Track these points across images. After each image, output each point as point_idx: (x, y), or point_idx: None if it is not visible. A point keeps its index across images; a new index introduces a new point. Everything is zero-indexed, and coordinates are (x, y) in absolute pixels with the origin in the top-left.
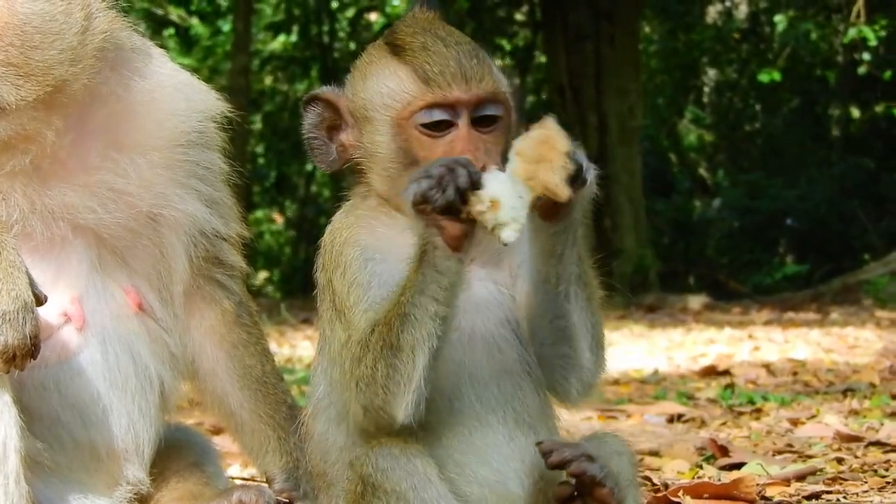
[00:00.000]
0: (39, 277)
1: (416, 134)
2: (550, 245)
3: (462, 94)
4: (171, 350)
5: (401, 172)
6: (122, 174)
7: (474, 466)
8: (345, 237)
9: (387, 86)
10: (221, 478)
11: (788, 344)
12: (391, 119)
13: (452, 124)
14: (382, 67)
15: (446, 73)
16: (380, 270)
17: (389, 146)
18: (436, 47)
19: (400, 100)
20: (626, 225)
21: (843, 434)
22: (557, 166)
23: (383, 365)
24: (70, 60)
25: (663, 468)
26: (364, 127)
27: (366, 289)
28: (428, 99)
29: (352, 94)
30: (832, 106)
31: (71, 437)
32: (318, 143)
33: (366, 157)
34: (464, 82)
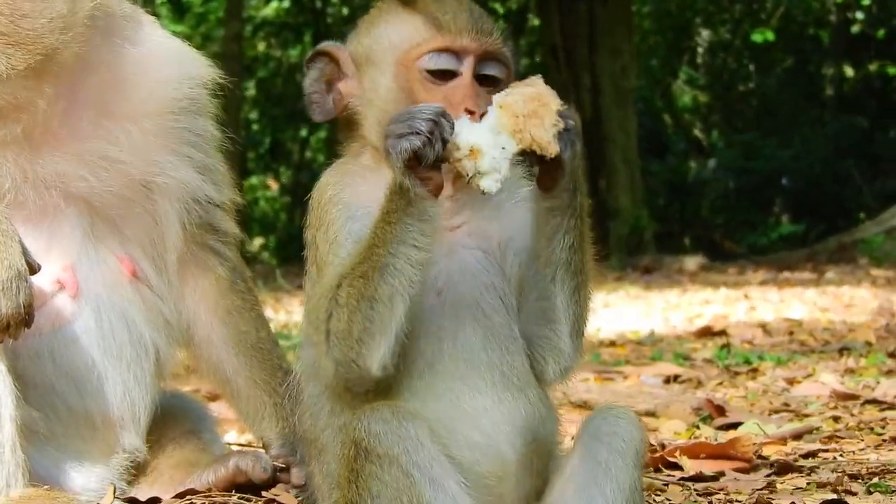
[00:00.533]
0: (32, 246)
1: (420, 78)
2: (544, 223)
3: (471, 43)
4: (165, 317)
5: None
6: (113, 142)
7: (466, 431)
8: (329, 195)
9: (395, 30)
10: (218, 444)
11: (784, 303)
12: (396, 59)
13: (456, 74)
14: (392, 16)
15: (458, 21)
16: (357, 228)
17: (390, 87)
18: (448, 0)
19: (408, 42)
20: (622, 186)
21: (839, 393)
22: (549, 123)
23: (360, 318)
24: (60, 28)
25: (660, 429)
26: (365, 71)
27: (344, 247)
28: (437, 43)
29: (356, 42)
30: (826, 65)
31: (66, 406)
32: (317, 97)
33: (363, 104)
34: (474, 32)
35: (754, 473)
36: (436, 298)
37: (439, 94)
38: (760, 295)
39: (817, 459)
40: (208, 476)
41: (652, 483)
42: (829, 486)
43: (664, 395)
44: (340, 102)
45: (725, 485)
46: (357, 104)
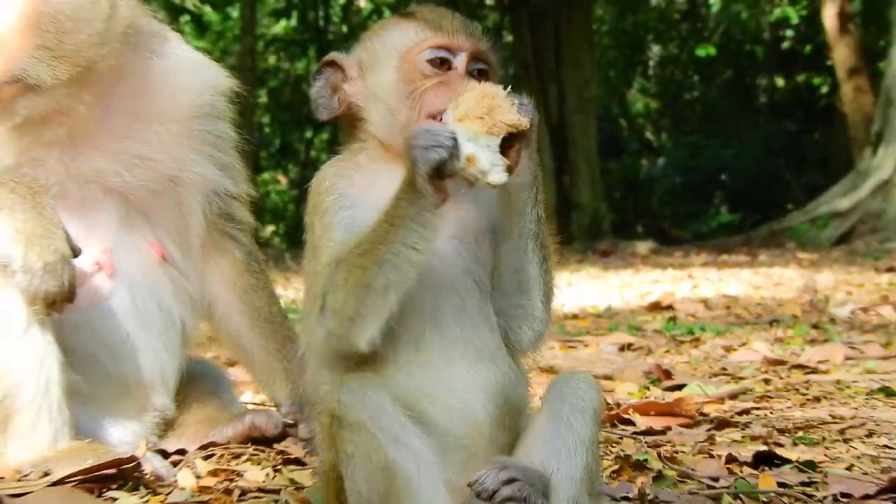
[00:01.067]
0: (74, 233)
1: (419, 69)
2: (516, 199)
3: (464, 42)
4: (190, 294)
5: (398, 106)
6: (144, 142)
7: (444, 398)
8: (326, 185)
9: (398, 34)
10: (236, 403)
11: (723, 282)
12: (399, 56)
13: (451, 67)
14: (394, 24)
15: (453, 24)
16: (348, 216)
17: (392, 80)
18: (443, 11)
19: (410, 41)
20: (583, 182)
21: (769, 359)
22: (508, 106)
23: (353, 301)
24: (98, 44)
25: (616, 390)
26: (369, 72)
27: (337, 232)
28: (436, 41)
29: (360, 50)
30: (760, 77)
31: (104, 371)
32: (323, 101)
33: (367, 100)
34: (466, 35)
35: (697, 428)
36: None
37: (437, 81)
38: (702, 275)
39: (750, 416)
40: (227, 431)
41: (609, 437)
42: (760, 439)
43: (619, 361)
44: (345, 101)
45: (672, 438)
46: (361, 101)
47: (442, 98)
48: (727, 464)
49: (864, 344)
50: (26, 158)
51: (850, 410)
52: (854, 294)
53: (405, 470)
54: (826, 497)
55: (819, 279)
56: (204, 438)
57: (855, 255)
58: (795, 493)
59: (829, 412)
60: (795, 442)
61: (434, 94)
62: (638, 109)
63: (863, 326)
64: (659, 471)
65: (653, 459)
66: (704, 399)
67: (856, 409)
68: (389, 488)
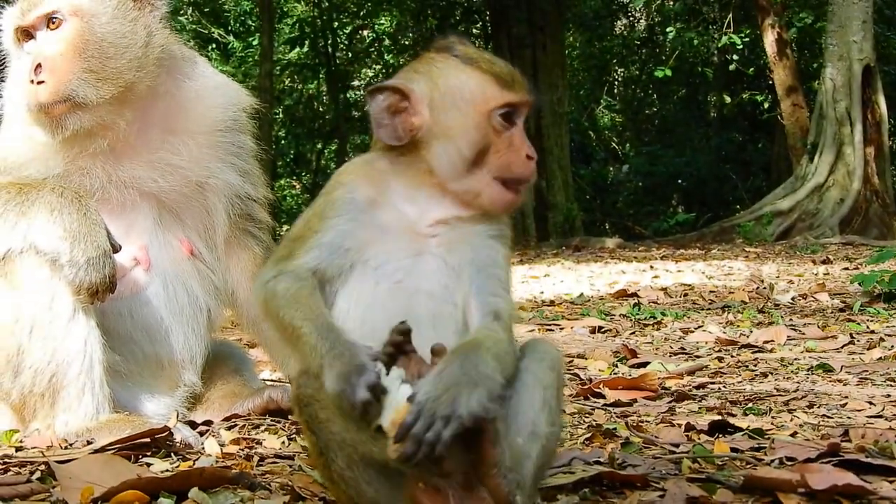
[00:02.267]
0: (115, 231)
1: (492, 126)
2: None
3: (526, 99)
4: (215, 285)
5: (469, 150)
6: (176, 153)
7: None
8: (343, 179)
9: (474, 86)
10: (255, 380)
11: (680, 273)
12: (475, 111)
13: (514, 121)
14: (461, 74)
15: (516, 82)
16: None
17: (467, 131)
18: (499, 62)
19: (484, 98)
20: (558, 186)
21: (722, 339)
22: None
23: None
24: (136, 67)
25: (588, 367)
26: (442, 115)
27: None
28: (510, 98)
29: (430, 88)
30: (710, 94)
31: (141, 351)
32: (386, 123)
33: (434, 138)
34: (524, 90)
35: (659, 401)
36: (396, 285)
37: (506, 140)
38: (662, 266)
39: (706, 390)
40: (248, 404)
41: (581, 408)
42: (715, 409)
43: (591, 341)
44: (408, 131)
45: (637, 409)
46: (425, 136)
47: (515, 163)
48: (686, 432)
49: (804, 326)
50: (74, 167)
51: (793, 384)
52: (794, 283)
53: None
54: (773, 460)
55: (764, 270)
56: (227, 411)
57: (795, 249)
58: (746, 457)
59: (775, 386)
60: (745, 412)
61: (511, 158)
62: (605, 123)
63: (802, 311)
64: (626, 438)
65: (621, 428)
66: (666, 375)
67: (798, 383)
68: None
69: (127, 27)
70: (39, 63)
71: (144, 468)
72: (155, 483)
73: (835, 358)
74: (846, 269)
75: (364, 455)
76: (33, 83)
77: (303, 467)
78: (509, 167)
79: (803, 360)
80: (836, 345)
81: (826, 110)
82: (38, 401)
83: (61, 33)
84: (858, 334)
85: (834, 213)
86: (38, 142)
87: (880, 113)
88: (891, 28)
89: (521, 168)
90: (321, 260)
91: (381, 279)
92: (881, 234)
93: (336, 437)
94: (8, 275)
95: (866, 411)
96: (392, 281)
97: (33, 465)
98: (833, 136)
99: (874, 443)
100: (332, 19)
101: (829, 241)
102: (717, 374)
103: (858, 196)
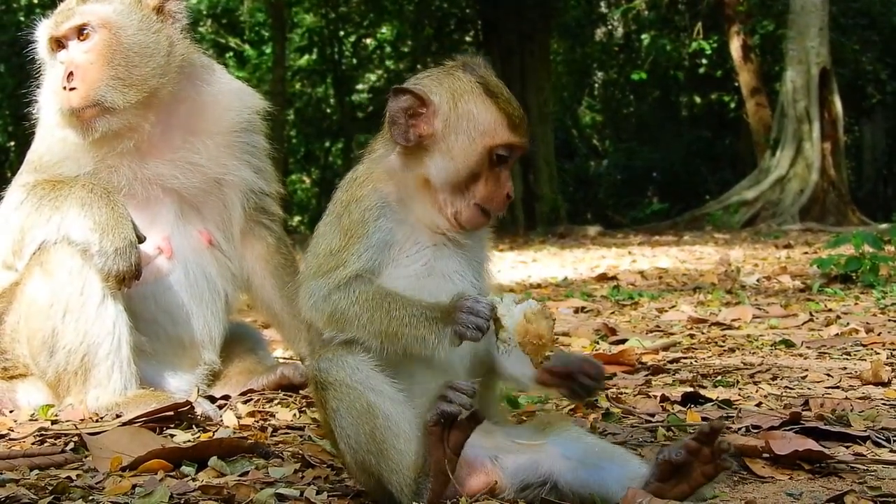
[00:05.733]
0: (140, 224)
1: (489, 160)
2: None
3: (524, 143)
4: (232, 272)
5: (463, 174)
6: (196, 152)
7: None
8: (372, 185)
9: (483, 118)
10: (269, 358)
11: (656, 258)
12: (481, 143)
13: (508, 161)
14: (480, 102)
15: (522, 126)
16: (384, 225)
17: (468, 157)
18: (515, 103)
19: (492, 134)
20: (544, 179)
21: (693, 318)
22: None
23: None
24: (160, 74)
25: (572, 344)
26: (451, 134)
27: (370, 235)
28: (510, 139)
29: (449, 105)
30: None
31: (164, 333)
32: (400, 123)
33: (438, 151)
34: (525, 135)
35: (636, 374)
36: (423, 268)
37: (496, 176)
38: (639, 252)
39: (679, 364)
40: (262, 380)
41: None
42: (687, 382)
43: (574, 321)
44: (420, 139)
45: (617, 382)
46: (430, 145)
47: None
48: (661, 402)
49: (768, 305)
50: (103, 165)
51: (758, 359)
52: (759, 266)
53: (383, 408)
54: (740, 429)
55: (731, 254)
56: (244, 386)
57: (759, 235)
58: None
59: (742, 360)
60: (715, 384)
61: (494, 193)
62: (586, 122)
63: (766, 291)
64: (607, 409)
65: (602, 400)
66: (642, 351)
67: (762, 357)
68: (373, 426)
69: (151, 38)
70: (71, 71)
71: (168, 439)
72: (178, 452)
73: (796, 334)
74: (806, 253)
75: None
76: (66, 89)
77: (313, 437)
78: (490, 200)
79: (767, 336)
80: (797, 322)
81: (787, 109)
82: (71, 378)
83: (91, 43)
84: (817, 312)
85: (794, 203)
86: (71, 143)
87: (836, 112)
88: (845, 34)
89: (498, 203)
90: (373, 260)
91: (413, 265)
92: (837, 221)
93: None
94: (43, 264)
95: (824, 383)
96: (421, 265)
97: (67, 436)
98: (793, 133)
99: (832, 412)
100: (338, 29)
101: (791, 228)
102: (689, 349)
103: (817, 187)
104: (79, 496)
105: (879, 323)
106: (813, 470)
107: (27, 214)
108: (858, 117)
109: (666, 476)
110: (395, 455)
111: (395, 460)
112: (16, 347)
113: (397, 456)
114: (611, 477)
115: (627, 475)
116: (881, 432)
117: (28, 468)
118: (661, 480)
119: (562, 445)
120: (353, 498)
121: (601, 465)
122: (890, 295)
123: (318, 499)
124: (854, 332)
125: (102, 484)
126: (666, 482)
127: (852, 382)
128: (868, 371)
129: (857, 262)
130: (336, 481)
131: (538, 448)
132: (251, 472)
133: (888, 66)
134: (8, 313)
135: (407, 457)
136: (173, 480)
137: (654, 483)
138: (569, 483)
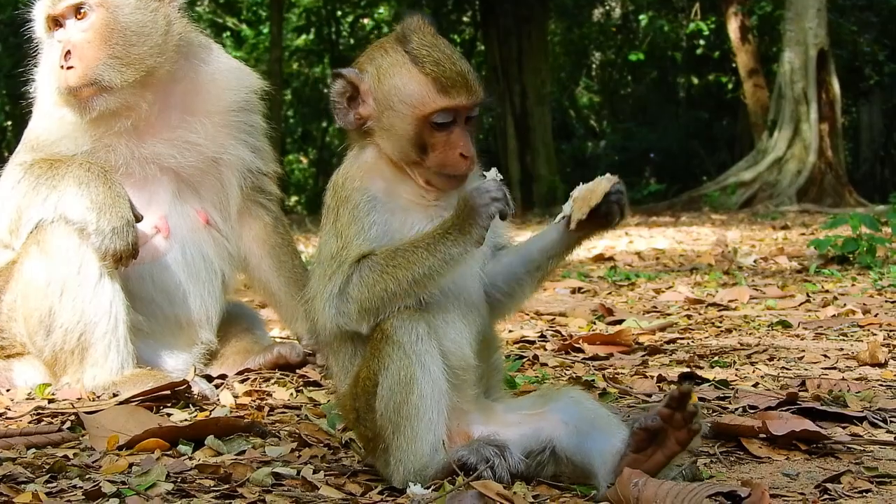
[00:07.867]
0: (137, 203)
1: (429, 128)
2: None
3: (465, 103)
4: (229, 251)
5: (408, 147)
6: (193, 131)
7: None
8: (356, 184)
9: (410, 88)
10: (266, 338)
11: (653, 238)
12: (412, 115)
13: (455, 122)
14: (405, 73)
15: (457, 86)
16: (383, 220)
17: (406, 131)
18: (447, 63)
19: (421, 103)
20: (541, 160)
21: (690, 299)
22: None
23: (374, 298)
24: (157, 53)
25: (569, 325)
26: (384, 112)
27: (366, 229)
28: (442, 103)
29: (375, 84)
30: (679, 76)
31: (161, 312)
32: (340, 108)
33: (380, 131)
34: (466, 94)
35: (633, 354)
36: None
37: (443, 140)
38: (636, 233)
39: (676, 345)
40: (259, 359)
41: (563, 361)
42: (684, 362)
43: (572, 301)
44: (359, 121)
45: (614, 362)
46: (374, 125)
47: (449, 163)
48: (658, 383)
49: (765, 286)
50: (100, 145)
51: (755, 339)
52: (756, 247)
53: (422, 388)
54: (737, 409)
55: (729, 235)
56: (240, 365)
57: (756, 217)
58: (713, 406)
59: (739, 341)
60: (712, 365)
61: (446, 158)
62: (584, 103)
63: (763, 272)
64: (604, 388)
65: (599, 380)
66: (639, 331)
67: (759, 338)
68: (406, 400)
69: (148, 17)
70: (69, 50)
71: (165, 418)
72: (175, 431)
73: (793, 315)
74: (803, 234)
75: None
76: (63, 68)
77: (309, 416)
78: (444, 166)
79: (764, 317)
80: (794, 303)
81: (784, 90)
82: (68, 357)
83: (88, 22)
84: (814, 293)
85: (792, 184)
86: (68, 121)
87: (833, 93)
88: (843, 15)
89: (454, 167)
90: (372, 245)
91: None
92: (835, 202)
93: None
94: (40, 243)
95: (821, 363)
96: None
97: (64, 415)
98: (791, 114)
99: (828, 392)
100: (335, 9)
101: (788, 209)
102: (686, 330)
103: (814, 168)
104: (76, 475)
105: (876, 304)
106: (809, 450)
107: (24, 193)
108: (856, 99)
109: (642, 445)
110: (409, 434)
111: (409, 438)
112: (12, 326)
113: (411, 434)
114: (595, 448)
115: (609, 449)
116: (878, 413)
117: (25, 447)
118: (636, 451)
119: (562, 411)
120: (349, 476)
121: (591, 433)
122: (887, 276)
123: (315, 478)
124: (851, 313)
125: (99, 463)
126: (641, 452)
127: (849, 363)
128: (865, 352)
129: (854, 244)
130: (333, 460)
131: (540, 416)
132: (248, 451)
133: (886, 47)
134: (5, 292)
135: (418, 443)
136: (170, 459)
137: (629, 455)
138: (564, 449)
